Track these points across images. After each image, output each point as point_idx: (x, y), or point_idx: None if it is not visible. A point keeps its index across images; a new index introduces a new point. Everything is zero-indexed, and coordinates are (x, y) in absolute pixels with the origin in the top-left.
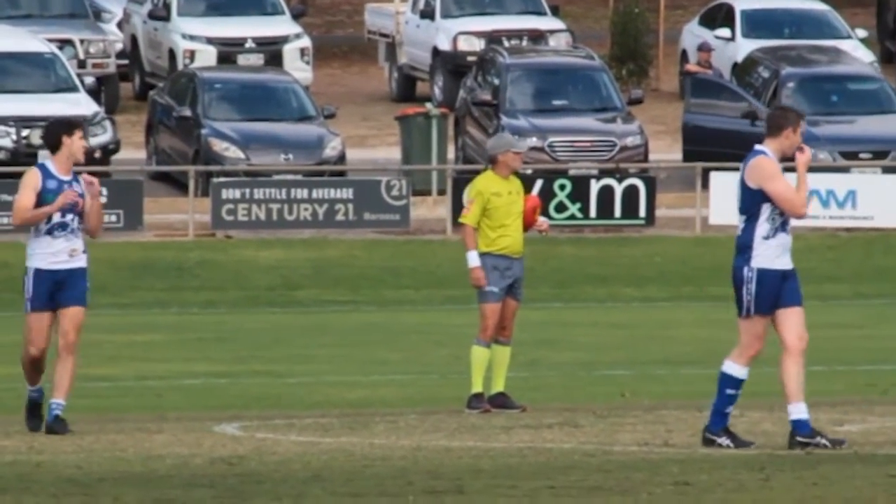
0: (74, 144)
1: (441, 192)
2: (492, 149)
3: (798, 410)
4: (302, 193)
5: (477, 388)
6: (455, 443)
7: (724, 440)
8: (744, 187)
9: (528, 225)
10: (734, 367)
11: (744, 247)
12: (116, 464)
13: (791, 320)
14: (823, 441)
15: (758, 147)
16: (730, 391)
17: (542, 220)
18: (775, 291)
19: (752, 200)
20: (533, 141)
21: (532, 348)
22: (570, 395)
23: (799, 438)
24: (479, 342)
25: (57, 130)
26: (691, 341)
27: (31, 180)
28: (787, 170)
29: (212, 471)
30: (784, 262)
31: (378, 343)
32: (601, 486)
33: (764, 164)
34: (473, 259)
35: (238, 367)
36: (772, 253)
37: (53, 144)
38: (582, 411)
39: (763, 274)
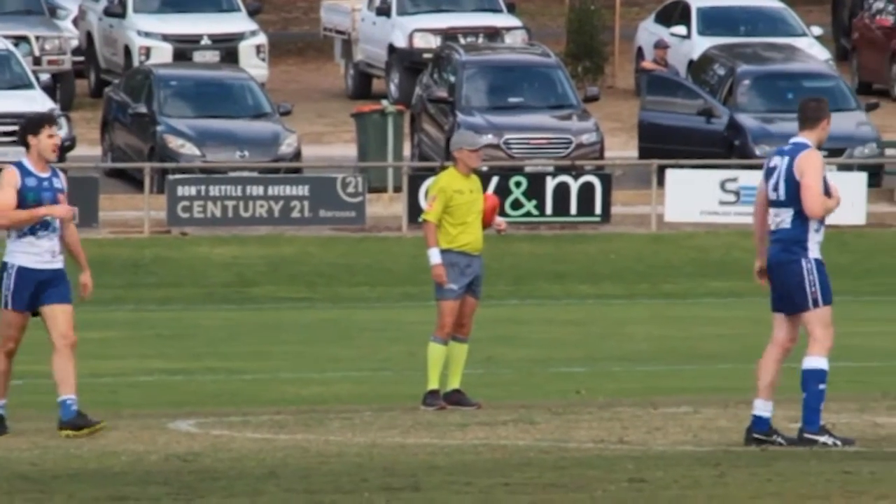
0: (42, 143)
1: (397, 190)
2: (452, 146)
3: (765, 408)
4: (257, 190)
5: (433, 384)
6: (410, 440)
7: (825, 438)
8: (791, 179)
9: (486, 224)
10: (817, 360)
11: (795, 240)
12: (71, 461)
13: (791, 320)
14: (779, 440)
15: (799, 140)
16: (821, 386)
17: (500, 219)
18: (829, 279)
19: (800, 193)
20: (489, 138)
21: (487, 345)
22: (526, 392)
23: (756, 435)
24: (435, 339)
25: (23, 130)
26: (646, 339)
27: (10, 178)
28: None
29: (167, 467)
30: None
31: (333, 340)
32: (556, 483)
33: (814, 158)
34: (435, 256)
35: (193, 363)
36: (819, 246)
37: (24, 144)
38: (537, 408)
39: (820, 264)
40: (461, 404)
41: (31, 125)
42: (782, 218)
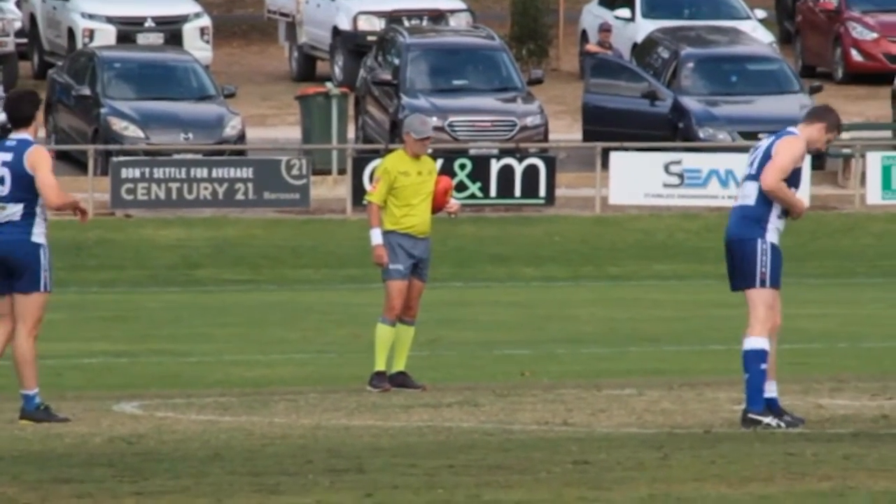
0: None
1: (341, 172)
2: (404, 128)
3: (770, 389)
4: (202, 173)
5: (379, 366)
6: (355, 421)
7: (769, 419)
8: (767, 155)
9: (438, 206)
10: (758, 341)
11: (756, 218)
12: (15, 442)
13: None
14: (787, 419)
15: (792, 128)
16: (762, 366)
17: (453, 202)
18: (781, 266)
19: None
20: (434, 120)
21: (432, 327)
22: (470, 374)
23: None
24: (383, 320)
25: (35, 106)
26: (591, 320)
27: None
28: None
29: (111, 449)
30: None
31: (278, 322)
32: (501, 464)
33: (795, 143)
34: (376, 237)
35: (137, 346)
36: (778, 233)
37: (29, 120)
38: (482, 390)
39: (775, 249)
40: (406, 386)
41: (38, 100)
42: (748, 192)
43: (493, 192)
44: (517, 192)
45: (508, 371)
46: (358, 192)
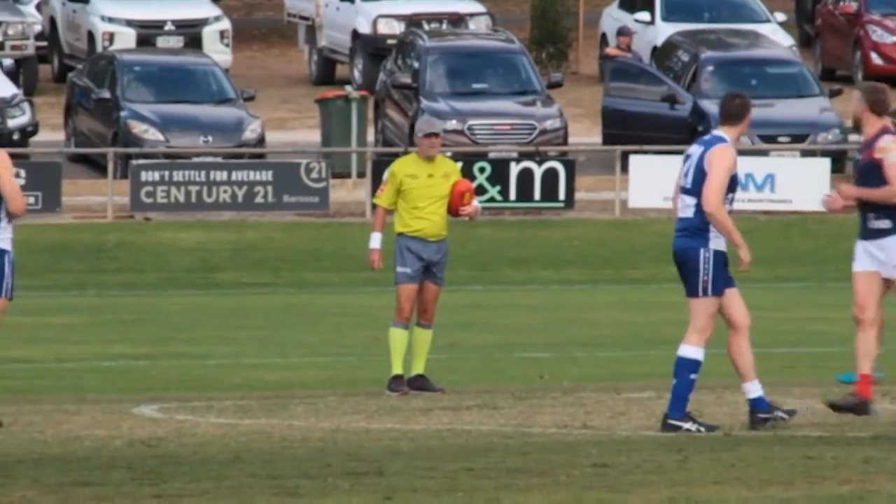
0: None
1: (360, 175)
2: (415, 131)
3: (754, 388)
4: (221, 176)
5: (396, 370)
6: (374, 425)
7: (689, 425)
8: (700, 169)
9: (454, 208)
10: (694, 350)
11: (698, 229)
12: (35, 445)
13: (737, 299)
14: (780, 414)
15: (719, 133)
16: (692, 375)
17: (475, 203)
18: (725, 273)
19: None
20: (453, 124)
21: (451, 331)
22: (490, 377)
23: (760, 415)
24: (395, 324)
25: None
26: (610, 324)
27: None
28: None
29: (130, 452)
30: (725, 245)
31: (297, 325)
32: (520, 468)
33: (726, 153)
34: (374, 241)
35: (157, 348)
36: (721, 238)
37: None
38: (501, 393)
39: (718, 256)
40: (425, 389)
41: None
42: (687, 204)
43: (512, 195)
44: (536, 195)
45: (527, 374)
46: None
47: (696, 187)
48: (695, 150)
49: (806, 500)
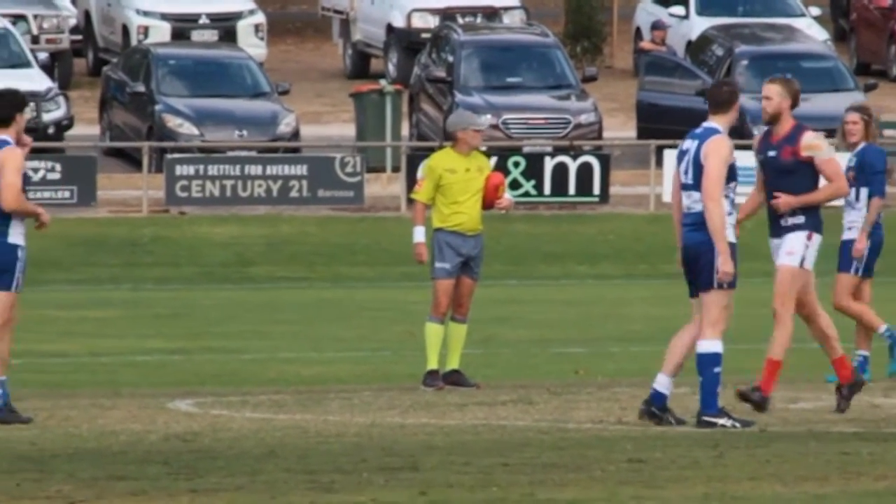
0: (22, 121)
1: (395, 169)
2: (451, 126)
3: (667, 383)
4: (256, 170)
5: (432, 364)
6: (409, 420)
7: (724, 420)
8: (698, 163)
9: (488, 202)
10: (712, 344)
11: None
12: (70, 440)
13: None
14: (670, 418)
15: (710, 124)
16: (716, 369)
17: (506, 197)
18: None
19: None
20: (487, 118)
21: (486, 325)
22: (525, 372)
23: (653, 409)
24: (431, 319)
25: (12, 107)
26: (645, 319)
27: (20, 161)
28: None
29: (166, 447)
30: (735, 237)
31: (332, 320)
32: (555, 463)
33: (722, 143)
34: (418, 234)
35: (192, 343)
36: (732, 229)
37: (8, 121)
38: (536, 388)
39: (733, 248)
40: (460, 384)
41: (19, 101)
42: (695, 200)
43: (546, 189)
44: (571, 189)
45: (563, 369)
46: (412, 190)
47: (697, 181)
48: (689, 144)
49: (841, 497)
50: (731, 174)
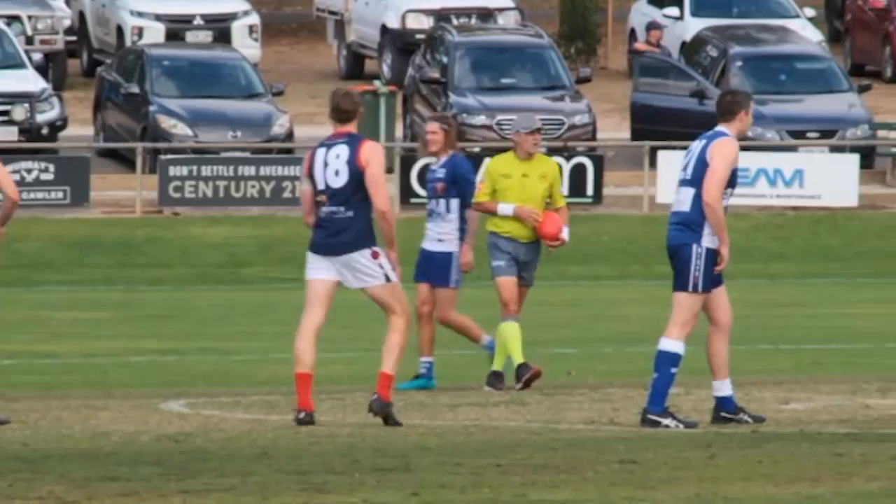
0: None
1: (389, 170)
2: (511, 129)
3: (724, 387)
4: (249, 171)
5: (518, 360)
6: (402, 420)
7: (668, 421)
8: (701, 161)
9: (550, 240)
10: (674, 344)
11: (692, 222)
12: (62, 440)
13: (723, 299)
14: (746, 418)
15: (719, 129)
16: (673, 369)
17: (563, 237)
18: (713, 271)
19: (705, 175)
20: (481, 119)
21: (480, 326)
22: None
23: (724, 414)
24: (504, 319)
25: None
26: (638, 320)
27: None
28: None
29: (158, 448)
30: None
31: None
32: (547, 464)
33: (728, 146)
34: (505, 208)
35: (185, 344)
36: (710, 236)
37: None
38: (528, 389)
39: (710, 253)
40: (494, 387)
41: None
42: (683, 198)
43: None
44: (565, 190)
45: (555, 370)
46: (405, 191)
47: (695, 178)
48: (696, 144)
49: (833, 497)
50: (732, 179)
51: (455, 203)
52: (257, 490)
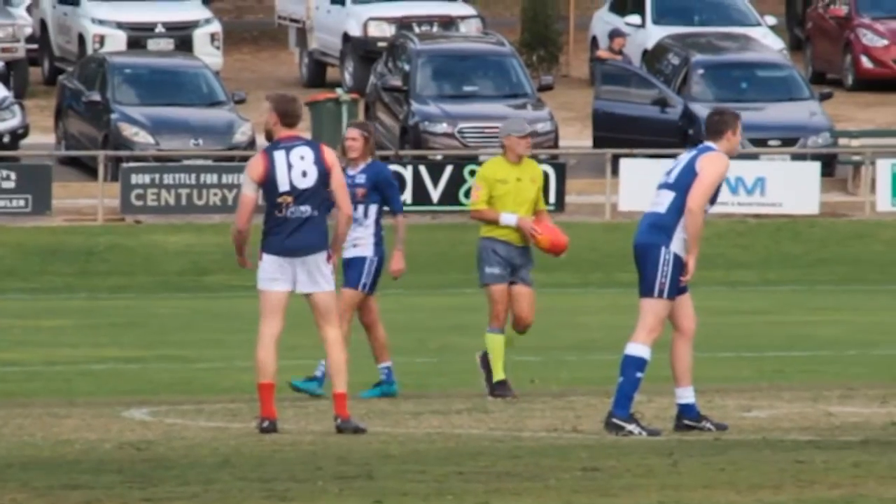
0: None
1: None
2: (500, 133)
3: (687, 395)
4: (212, 178)
5: (498, 375)
6: (365, 426)
7: (632, 427)
8: (689, 168)
9: (555, 252)
10: (641, 349)
11: (663, 225)
12: (24, 448)
13: (688, 306)
14: (708, 425)
15: (709, 144)
16: (638, 374)
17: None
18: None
19: (689, 183)
20: (443, 127)
21: (442, 334)
22: (480, 380)
23: (686, 422)
24: (490, 329)
25: None
26: (600, 327)
27: None
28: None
29: (120, 456)
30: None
31: (288, 328)
32: (510, 471)
33: (719, 161)
34: (508, 218)
35: (147, 352)
36: (683, 243)
37: None
38: (491, 397)
39: (678, 260)
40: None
41: None
42: (661, 200)
43: None
44: None
45: (518, 378)
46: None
47: (679, 183)
48: (685, 154)
49: None
50: (713, 196)
51: (373, 209)
52: (220, 498)
